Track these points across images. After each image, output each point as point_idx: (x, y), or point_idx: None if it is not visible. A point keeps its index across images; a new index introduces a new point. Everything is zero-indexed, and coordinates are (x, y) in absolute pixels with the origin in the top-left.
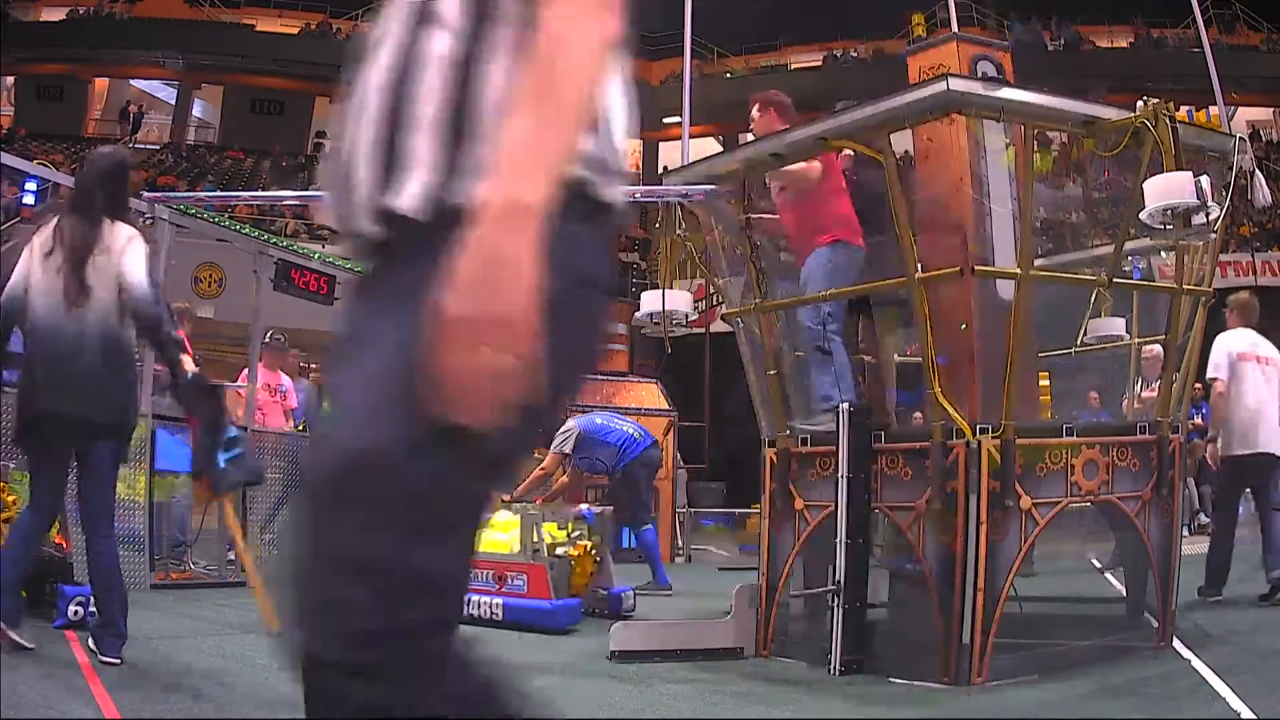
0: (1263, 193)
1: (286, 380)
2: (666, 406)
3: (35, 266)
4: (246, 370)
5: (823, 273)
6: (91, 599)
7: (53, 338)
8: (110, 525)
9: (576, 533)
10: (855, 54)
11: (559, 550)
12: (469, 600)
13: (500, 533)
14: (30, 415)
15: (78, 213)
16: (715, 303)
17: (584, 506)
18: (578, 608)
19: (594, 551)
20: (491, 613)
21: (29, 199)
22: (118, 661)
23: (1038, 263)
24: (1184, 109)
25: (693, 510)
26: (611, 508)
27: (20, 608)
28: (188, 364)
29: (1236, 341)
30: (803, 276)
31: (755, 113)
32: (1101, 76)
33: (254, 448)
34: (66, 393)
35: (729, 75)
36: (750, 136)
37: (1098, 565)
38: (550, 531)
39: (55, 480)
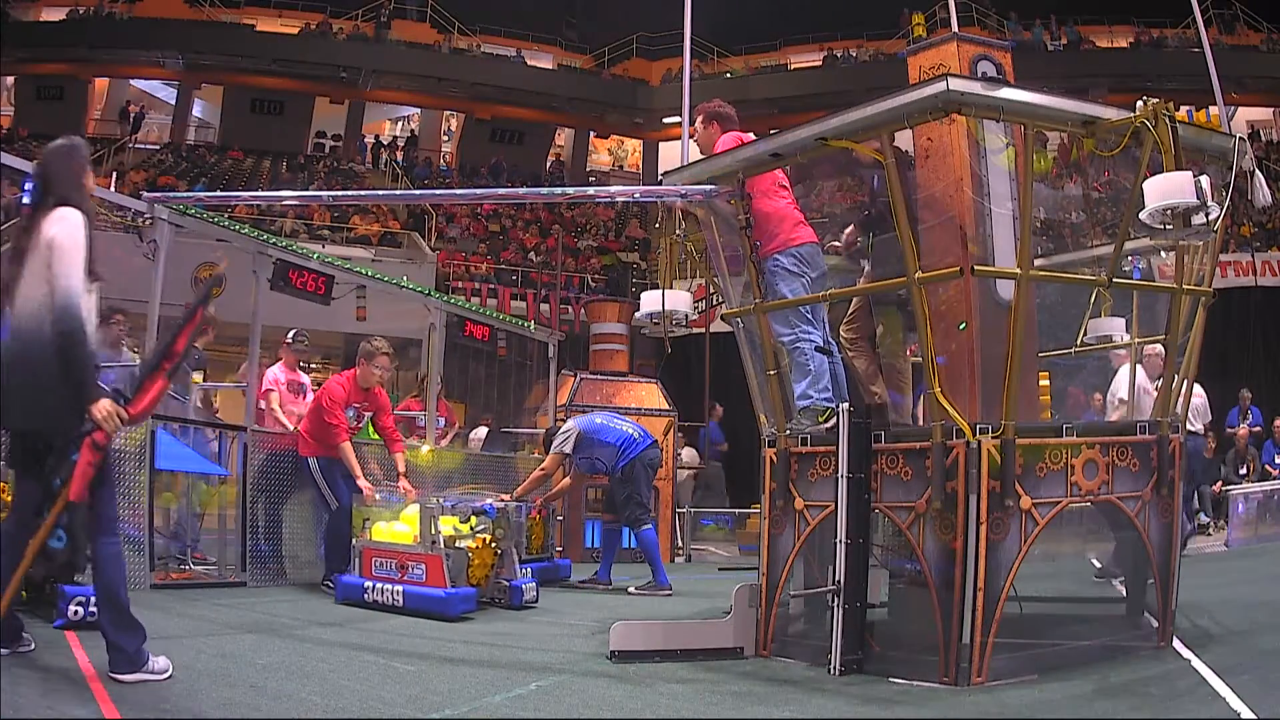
0: (1263, 193)
1: (306, 379)
2: (666, 406)
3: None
4: (271, 368)
5: (769, 287)
6: (92, 599)
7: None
8: (99, 533)
9: (480, 526)
10: (855, 54)
11: (459, 542)
12: (374, 587)
13: (405, 525)
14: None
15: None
16: (715, 303)
17: (487, 501)
18: (473, 596)
19: (494, 545)
20: (393, 599)
21: (29, 199)
22: (123, 678)
23: (1038, 263)
24: (1184, 109)
25: (693, 510)
26: (515, 502)
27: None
28: (96, 409)
29: (1144, 377)
30: None
31: (699, 124)
32: (1101, 76)
33: (257, 446)
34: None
35: (729, 75)
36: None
37: (1097, 565)
38: (452, 524)
39: (20, 491)
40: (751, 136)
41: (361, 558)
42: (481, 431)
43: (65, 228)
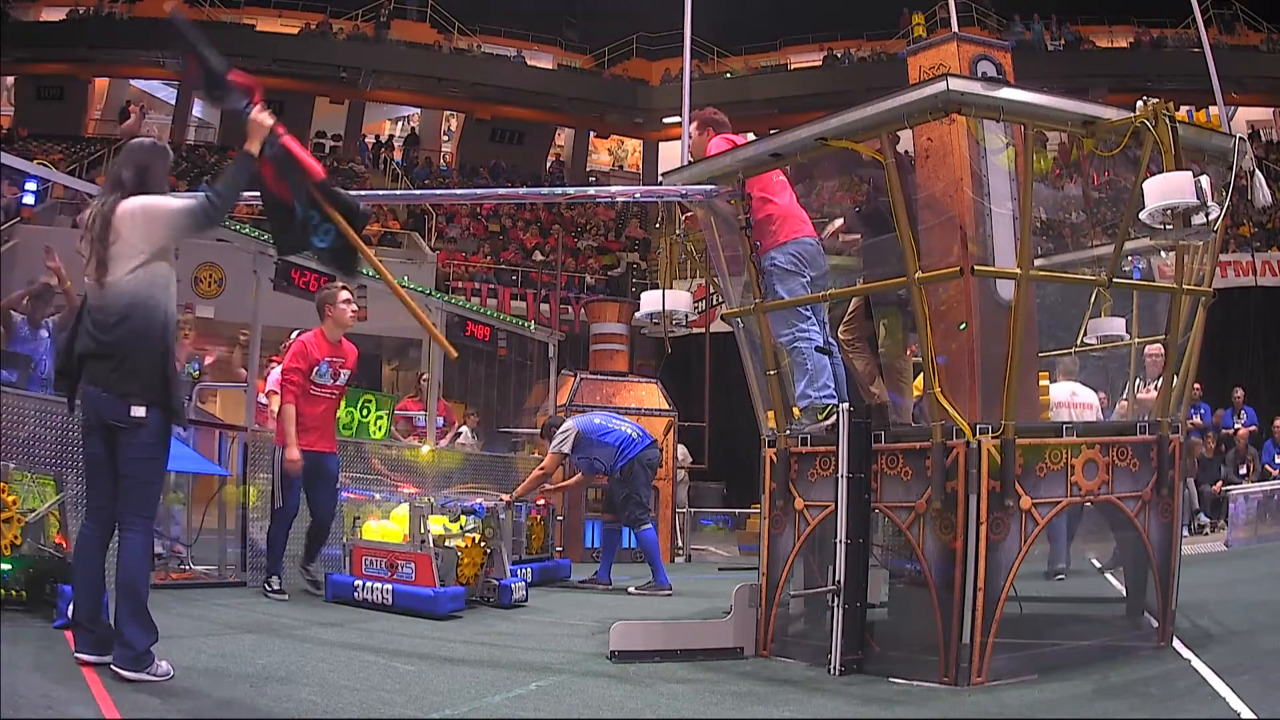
0: (1263, 193)
1: None
2: (666, 406)
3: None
4: (276, 369)
5: (768, 287)
6: None
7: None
8: (128, 520)
9: (470, 525)
10: (855, 54)
11: (449, 541)
12: (364, 585)
13: (395, 524)
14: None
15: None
16: (715, 303)
17: (476, 500)
18: (461, 595)
19: (484, 544)
20: (383, 598)
21: (29, 199)
22: (126, 675)
23: (1038, 263)
24: (1184, 109)
25: (693, 510)
26: (516, 502)
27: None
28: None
29: (1059, 392)
30: None
31: (694, 131)
32: (1101, 76)
33: (256, 447)
34: (82, 380)
35: (729, 75)
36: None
37: (1097, 565)
38: (442, 524)
39: (93, 482)
40: (744, 139)
41: (352, 556)
42: (465, 434)
43: (142, 200)
